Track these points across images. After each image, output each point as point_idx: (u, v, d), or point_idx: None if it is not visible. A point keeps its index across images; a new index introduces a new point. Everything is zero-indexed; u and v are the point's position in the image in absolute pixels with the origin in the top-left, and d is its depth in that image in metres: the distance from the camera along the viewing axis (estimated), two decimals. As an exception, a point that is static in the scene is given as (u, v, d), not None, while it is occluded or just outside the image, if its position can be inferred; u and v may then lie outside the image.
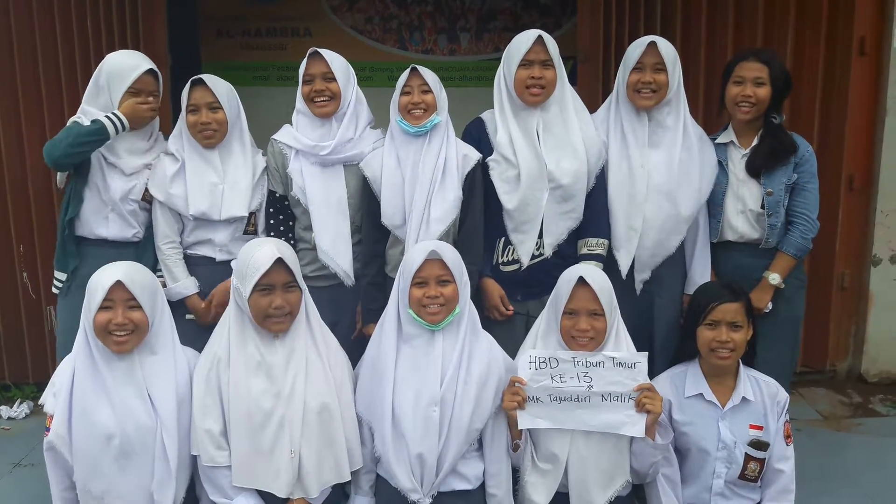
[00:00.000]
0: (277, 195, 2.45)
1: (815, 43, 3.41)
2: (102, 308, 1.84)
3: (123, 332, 1.85)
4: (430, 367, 1.99)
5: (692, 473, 2.14)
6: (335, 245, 2.38)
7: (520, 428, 2.01)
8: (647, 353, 2.03)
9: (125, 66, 2.34)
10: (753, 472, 2.08)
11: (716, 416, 2.11)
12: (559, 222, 2.40)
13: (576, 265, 2.18)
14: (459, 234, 2.38)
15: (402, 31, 4.87)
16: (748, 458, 2.08)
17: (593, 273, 2.06)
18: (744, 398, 2.11)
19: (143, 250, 2.43)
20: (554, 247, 2.41)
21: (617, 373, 1.99)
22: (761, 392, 2.13)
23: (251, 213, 2.43)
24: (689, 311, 2.25)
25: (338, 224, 2.39)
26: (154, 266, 2.42)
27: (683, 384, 2.16)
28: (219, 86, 2.36)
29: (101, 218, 2.37)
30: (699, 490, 2.13)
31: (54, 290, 2.46)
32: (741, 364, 2.16)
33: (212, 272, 2.42)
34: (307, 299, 2.04)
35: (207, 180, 2.37)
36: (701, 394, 2.13)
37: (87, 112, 2.34)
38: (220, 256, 2.42)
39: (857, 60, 3.39)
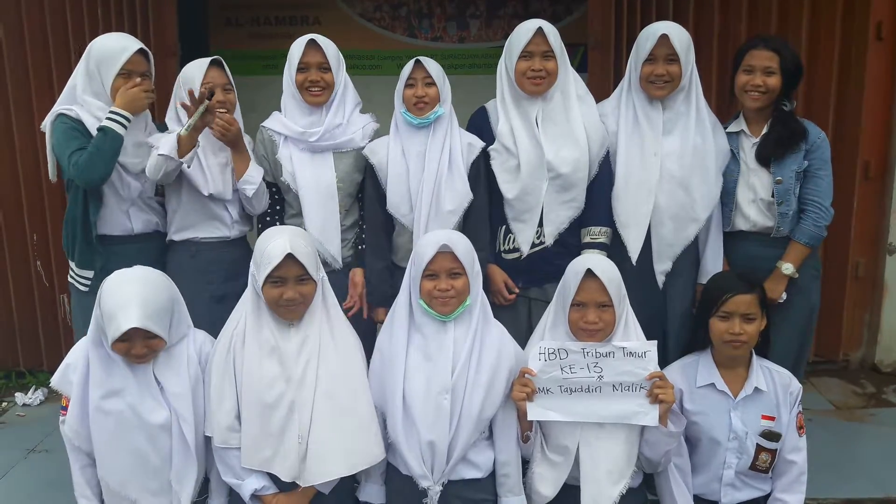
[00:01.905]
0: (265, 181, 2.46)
1: (831, 28, 3.35)
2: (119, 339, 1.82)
3: (142, 358, 1.87)
4: (442, 355, 1.99)
5: (702, 463, 2.13)
6: (325, 230, 2.41)
7: (529, 419, 2.01)
8: (655, 342, 2.02)
9: (114, 48, 2.30)
10: (765, 462, 2.07)
11: (727, 407, 2.09)
12: (560, 211, 2.40)
13: (583, 256, 2.17)
14: (466, 222, 2.38)
15: (412, 19, 4.84)
16: (759, 448, 2.07)
17: (601, 264, 2.03)
18: (756, 388, 2.09)
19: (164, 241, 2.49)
20: (555, 235, 2.41)
21: (627, 362, 1.98)
22: (774, 382, 2.12)
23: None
24: (702, 301, 2.22)
25: (327, 209, 2.42)
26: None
27: (695, 374, 2.14)
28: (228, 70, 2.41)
29: (121, 214, 2.39)
30: (709, 480, 2.12)
31: (82, 289, 2.39)
32: (754, 354, 2.14)
33: (227, 253, 2.45)
34: (325, 287, 2.04)
35: (218, 161, 2.40)
36: (713, 384, 2.11)
37: (87, 102, 2.29)
38: (233, 233, 2.46)
39: (874, 46, 3.34)
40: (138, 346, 1.84)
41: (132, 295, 1.82)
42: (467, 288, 1.99)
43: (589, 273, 1.99)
